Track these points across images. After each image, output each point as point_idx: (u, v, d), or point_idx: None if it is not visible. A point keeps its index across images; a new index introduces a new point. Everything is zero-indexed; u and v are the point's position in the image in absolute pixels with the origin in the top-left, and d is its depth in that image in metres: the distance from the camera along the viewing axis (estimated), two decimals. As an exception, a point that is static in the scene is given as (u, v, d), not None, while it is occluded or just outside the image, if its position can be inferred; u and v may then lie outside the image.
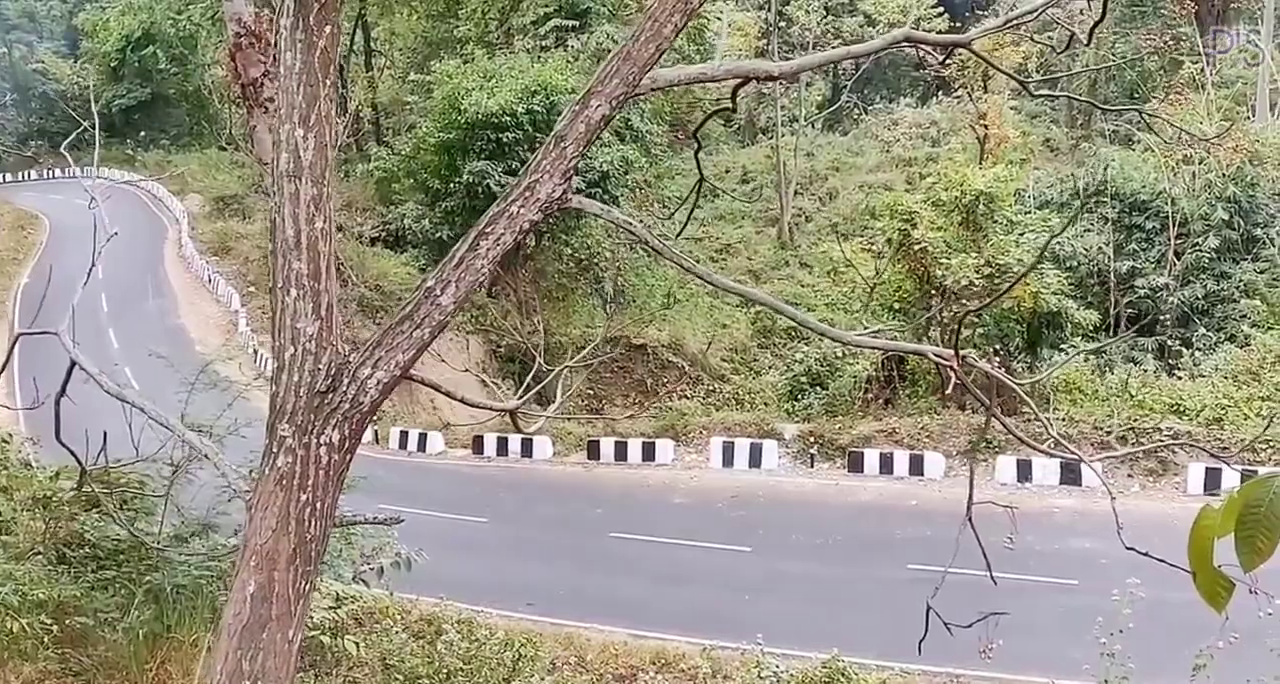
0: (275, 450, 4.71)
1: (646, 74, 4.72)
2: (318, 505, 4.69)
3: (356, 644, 13.00)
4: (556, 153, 4.73)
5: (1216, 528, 2.84)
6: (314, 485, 4.67)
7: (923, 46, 6.38)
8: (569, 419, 33.21)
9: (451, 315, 4.84)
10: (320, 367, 4.71)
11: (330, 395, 4.69)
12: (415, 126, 53.57)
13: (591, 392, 39.11)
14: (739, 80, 5.99)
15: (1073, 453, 5.07)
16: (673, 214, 36.48)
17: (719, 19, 66.33)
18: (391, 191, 50.71)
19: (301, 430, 4.67)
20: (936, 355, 4.91)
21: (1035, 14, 6.05)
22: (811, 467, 30.77)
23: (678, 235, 35.69)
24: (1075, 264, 37.65)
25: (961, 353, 4.84)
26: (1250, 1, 53.99)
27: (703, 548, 23.93)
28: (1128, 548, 4.51)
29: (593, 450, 33.29)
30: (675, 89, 50.76)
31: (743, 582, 22.02)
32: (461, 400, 5.94)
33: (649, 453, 32.63)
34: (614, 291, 43.23)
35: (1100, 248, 38.65)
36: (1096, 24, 6.66)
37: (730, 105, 6.65)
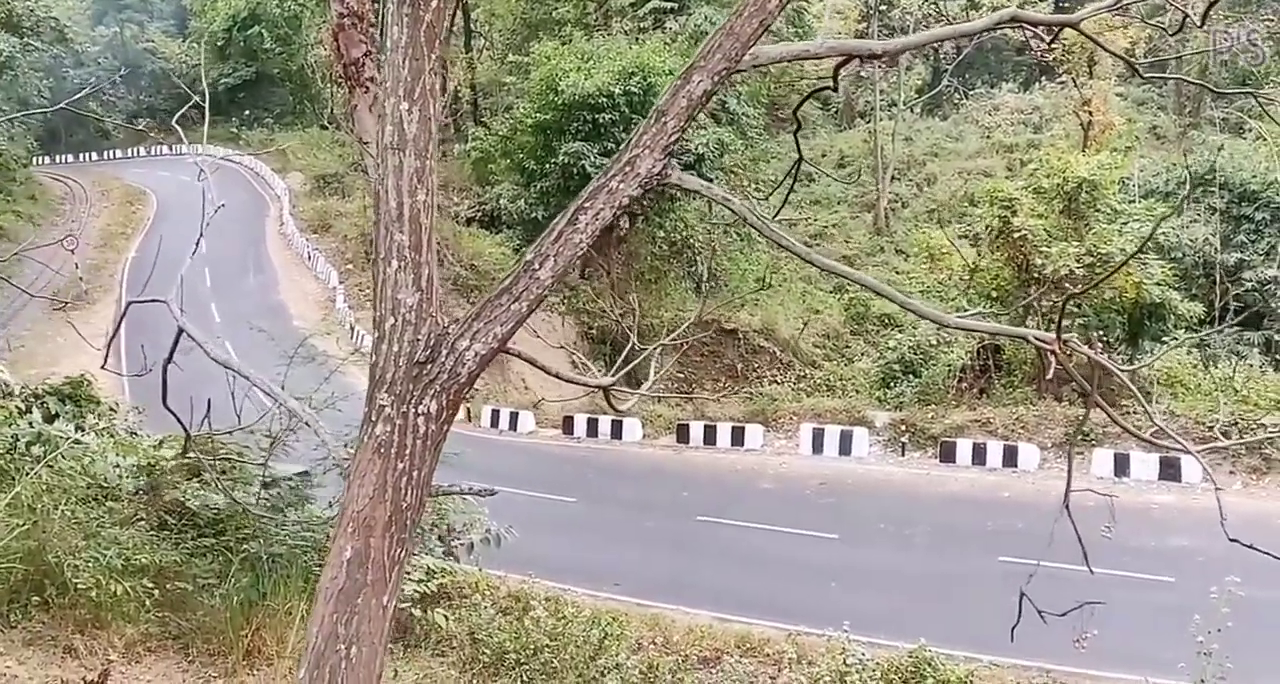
0: (374, 419, 4.79)
1: (749, 50, 4.69)
2: (414, 474, 4.76)
3: (446, 617, 13.22)
4: (657, 128, 4.72)
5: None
6: (411, 454, 4.74)
7: (1029, 27, 6.25)
8: (659, 402, 33.25)
9: (550, 289, 4.88)
10: (419, 337, 4.77)
11: (429, 366, 4.75)
12: (512, 107, 53.97)
13: (682, 375, 39.15)
14: (841, 59, 5.93)
15: (1177, 443, 4.94)
16: (769, 195, 36.22)
17: (820, 0, 65.73)
18: (488, 172, 51.17)
19: (400, 400, 4.74)
20: (1038, 339, 4.82)
21: (1149, -7, 5.90)
22: (903, 455, 30.45)
23: (774, 216, 35.49)
24: (1180, 255, 36.77)
25: (1063, 337, 4.75)
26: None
27: (789, 534, 23.84)
28: (1231, 540, 4.40)
29: (682, 434, 33.33)
30: (771, 72, 50.46)
31: (829, 569, 21.88)
32: (556, 375, 5.98)
33: (738, 437, 32.58)
34: (707, 275, 43.13)
35: (1207, 239, 37.70)
36: (1212, 4, 6.46)
37: (831, 85, 6.54)
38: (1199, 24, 6.78)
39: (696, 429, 33.07)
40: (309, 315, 42.54)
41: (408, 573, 12.22)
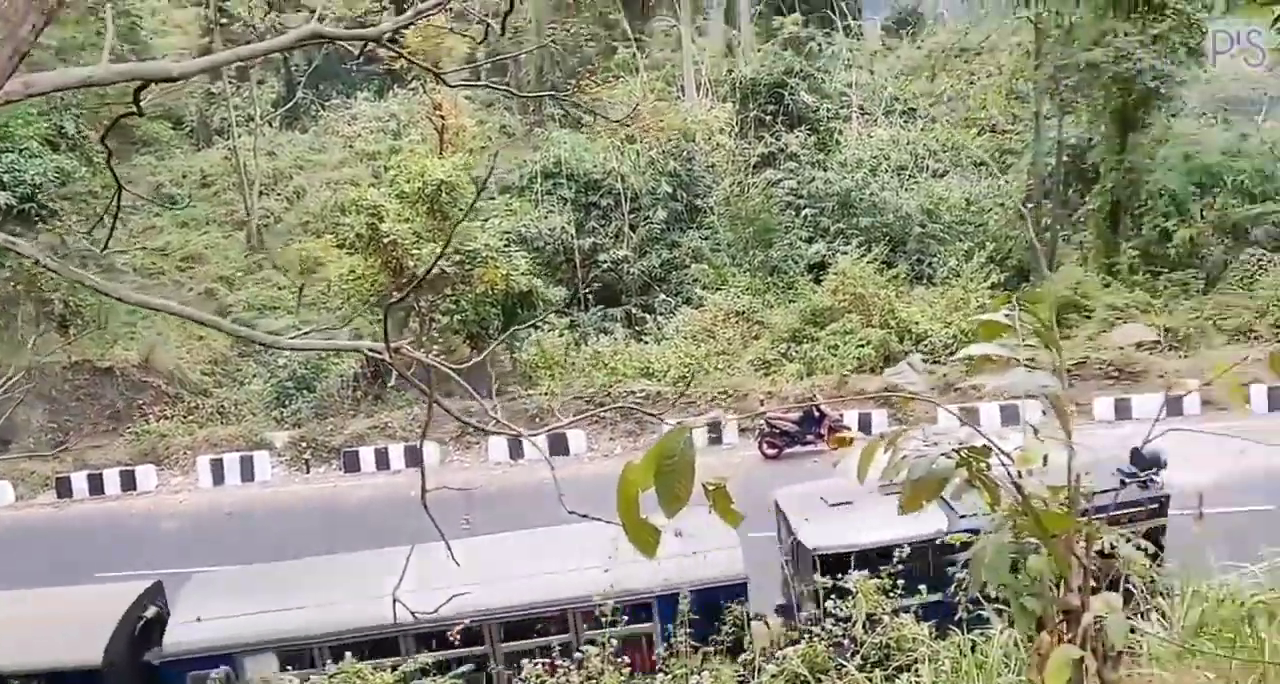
0: None
1: (9, 79, 4.31)
2: None
3: None
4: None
5: (640, 481, 3.05)
6: None
7: (337, 42, 6.33)
8: (30, 458, 30.37)
9: None
10: None
11: None
12: None
13: (55, 425, 35.80)
14: (139, 83, 5.66)
15: (511, 429, 5.32)
16: (92, 228, 34.26)
17: (157, 15, 62.77)
18: None
19: None
20: (371, 350, 4.91)
21: (440, 6, 6.19)
22: (307, 472, 30.22)
23: (103, 248, 33.74)
24: (542, 244, 39.25)
25: (394, 344, 4.87)
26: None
27: (201, 574, 22.76)
28: (570, 512, 4.80)
29: (63, 488, 30.72)
30: (110, 93, 47.42)
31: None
32: None
33: (129, 482, 30.67)
34: (63, 313, 39.63)
35: (563, 227, 40.47)
36: (507, 14, 6.94)
37: (136, 109, 6.18)
38: (500, 33, 7.21)
39: (79, 480, 30.65)
40: None
41: None
